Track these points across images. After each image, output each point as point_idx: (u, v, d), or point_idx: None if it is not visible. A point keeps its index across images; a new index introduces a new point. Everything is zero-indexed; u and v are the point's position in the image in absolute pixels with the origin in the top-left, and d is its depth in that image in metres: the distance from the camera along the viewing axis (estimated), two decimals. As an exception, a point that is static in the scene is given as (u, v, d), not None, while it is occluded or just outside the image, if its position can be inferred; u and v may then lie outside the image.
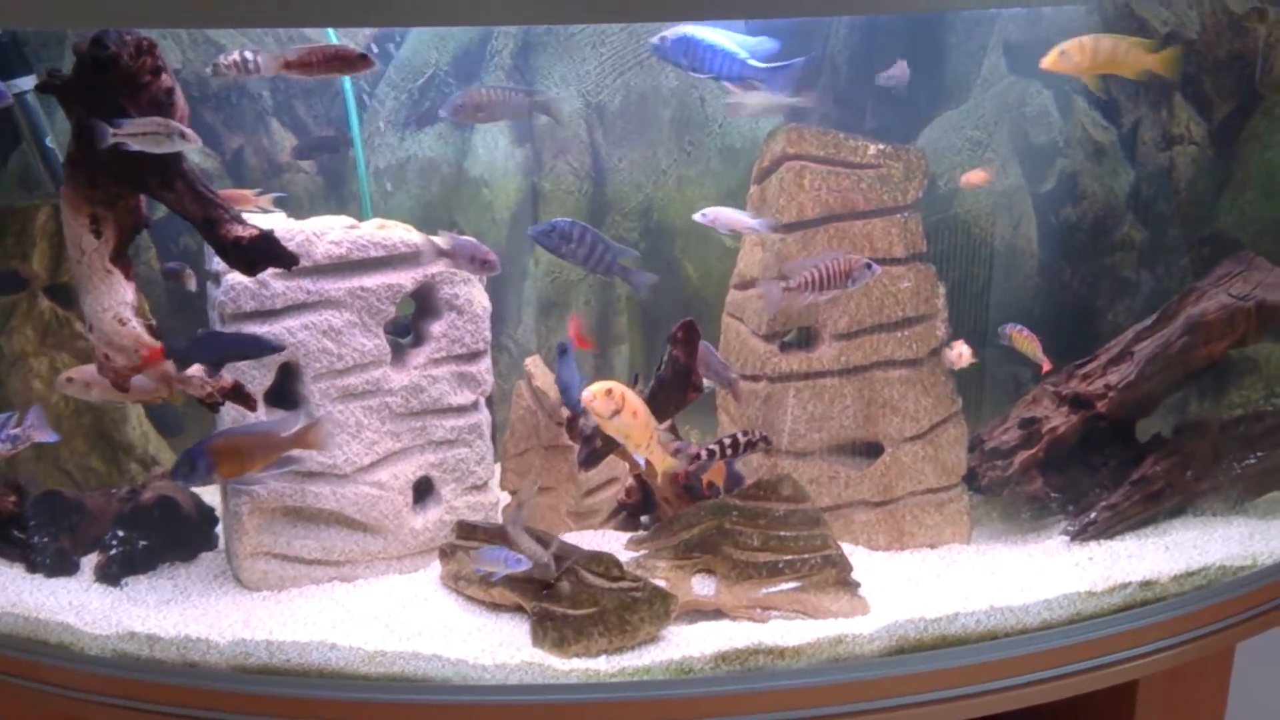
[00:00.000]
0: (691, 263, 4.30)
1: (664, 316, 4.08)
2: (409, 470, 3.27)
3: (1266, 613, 3.25)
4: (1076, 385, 3.84)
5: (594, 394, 2.54)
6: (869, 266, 3.05)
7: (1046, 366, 3.46)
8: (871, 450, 3.68)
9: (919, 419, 3.70)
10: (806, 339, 3.67)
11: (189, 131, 2.37)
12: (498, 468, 3.54)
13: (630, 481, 3.63)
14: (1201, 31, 4.24)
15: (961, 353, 3.39)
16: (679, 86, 4.00)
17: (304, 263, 2.87)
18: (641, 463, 2.78)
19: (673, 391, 3.06)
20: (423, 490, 3.33)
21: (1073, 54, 3.02)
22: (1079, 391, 3.80)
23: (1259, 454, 3.75)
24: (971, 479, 3.80)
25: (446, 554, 3.17)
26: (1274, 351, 3.99)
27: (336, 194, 3.95)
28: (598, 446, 3.08)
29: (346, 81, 3.58)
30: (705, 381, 3.11)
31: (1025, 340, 3.48)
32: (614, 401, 2.53)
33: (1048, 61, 3.06)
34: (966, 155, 4.39)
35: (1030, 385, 4.00)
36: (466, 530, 3.14)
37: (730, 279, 3.80)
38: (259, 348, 2.80)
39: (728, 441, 3.13)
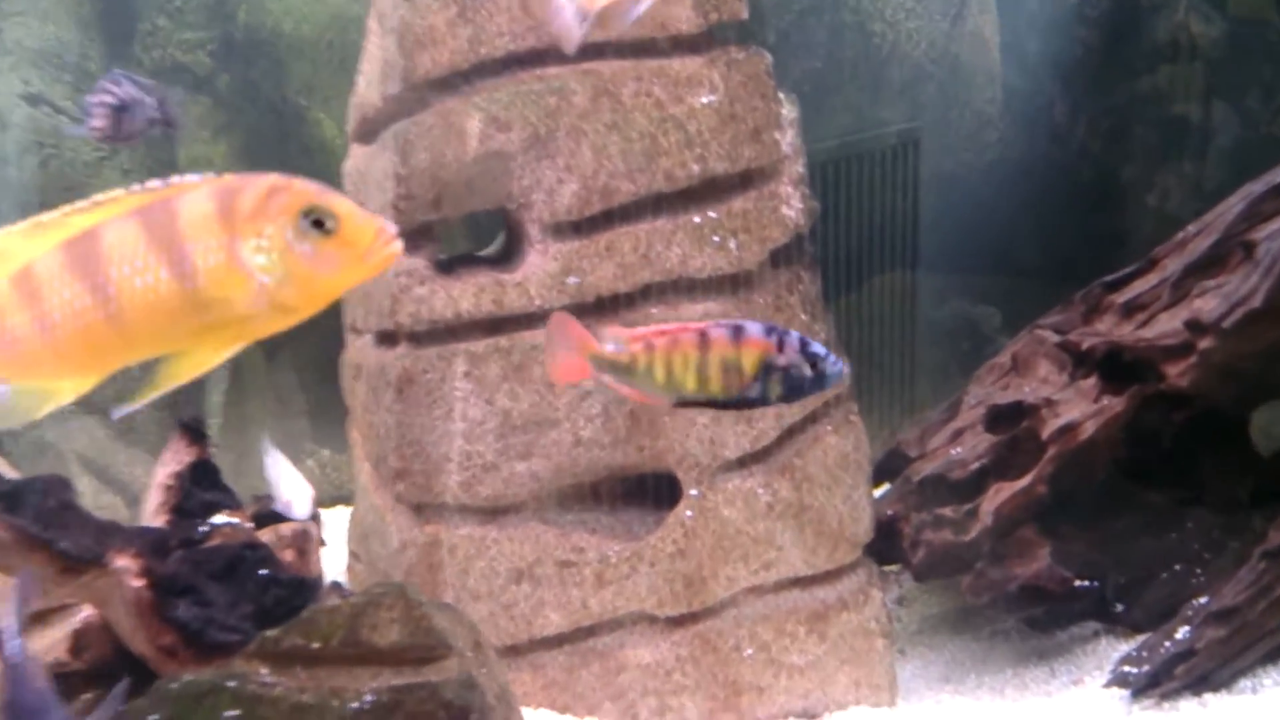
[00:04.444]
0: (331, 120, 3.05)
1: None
2: None
3: None
4: (1113, 327, 2.17)
5: None
6: None
7: None
8: (657, 492, 2.13)
9: (754, 415, 2.10)
10: (507, 246, 2.06)
11: None
12: None
13: (83, 616, 2.04)
14: None
15: None
16: None
17: None
18: None
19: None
20: None
21: None
22: (1120, 341, 2.14)
23: None
24: (887, 547, 2.13)
25: None
26: None
27: None
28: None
29: None
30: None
31: None
32: None
33: None
34: None
35: (997, 325, 2.56)
36: None
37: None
38: None
39: None
